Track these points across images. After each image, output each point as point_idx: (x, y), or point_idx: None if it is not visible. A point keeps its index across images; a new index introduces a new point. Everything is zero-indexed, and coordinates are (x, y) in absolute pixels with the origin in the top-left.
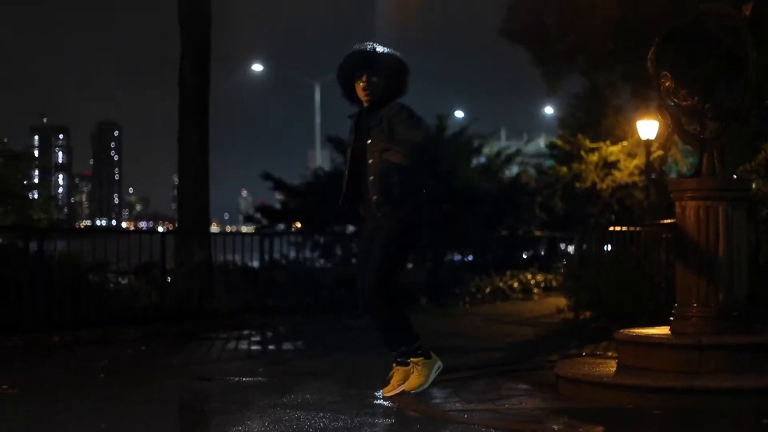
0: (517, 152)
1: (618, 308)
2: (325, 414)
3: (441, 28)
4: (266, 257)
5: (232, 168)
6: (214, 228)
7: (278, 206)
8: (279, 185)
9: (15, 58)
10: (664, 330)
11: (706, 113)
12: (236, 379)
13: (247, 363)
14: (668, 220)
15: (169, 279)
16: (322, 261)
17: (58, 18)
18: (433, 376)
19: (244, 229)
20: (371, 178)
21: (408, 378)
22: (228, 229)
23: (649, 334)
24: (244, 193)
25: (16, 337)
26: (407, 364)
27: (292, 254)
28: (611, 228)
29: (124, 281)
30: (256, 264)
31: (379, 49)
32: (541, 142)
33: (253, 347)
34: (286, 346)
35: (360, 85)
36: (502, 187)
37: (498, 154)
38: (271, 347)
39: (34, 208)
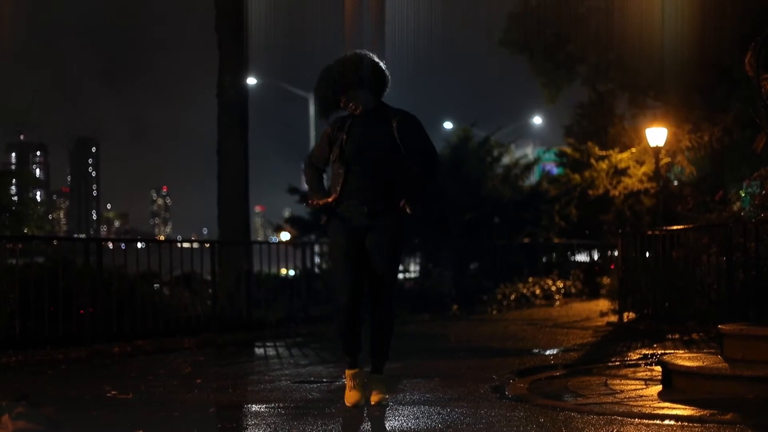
0: (536, 161)
1: (664, 310)
2: (461, 408)
3: (438, 36)
4: (301, 266)
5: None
6: None
7: (307, 217)
8: (304, 198)
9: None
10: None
11: None
12: (335, 383)
13: (328, 368)
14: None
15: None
16: None
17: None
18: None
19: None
20: (384, 179)
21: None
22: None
23: (757, 329)
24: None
25: (79, 349)
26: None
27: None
28: (650, 232)
29: (166, 292)
30: (291, 273)
31: (347, 59)
32: (529, 152)
33: (322, 354)
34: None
35: (345, 105)
36: (524, 194)
37: (516, 162)
38: (338, 354)
39: (28, 223)
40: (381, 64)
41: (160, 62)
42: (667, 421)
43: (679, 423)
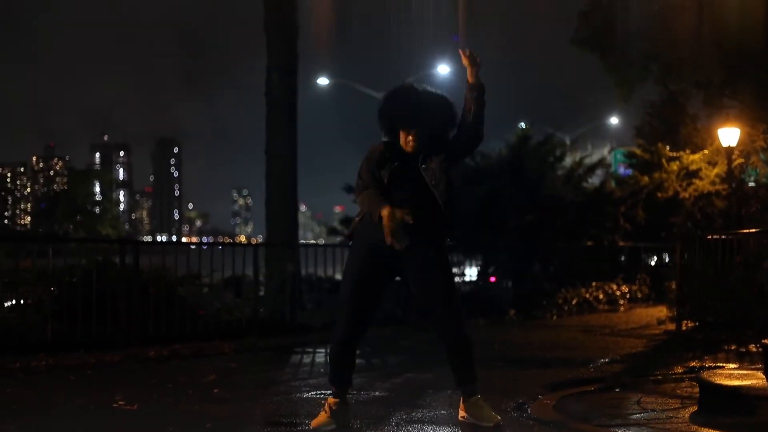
0: (601, 161)
1: (723, 318)
2: (475, 427)
3: (508, 35)
4: None
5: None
6: None
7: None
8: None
9: (76, 74)
10: None
11: None
12: (361, 393)
13: (360, 376)
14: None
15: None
16: None
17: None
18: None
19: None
20: (432, 206)
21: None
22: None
23: None
24: (303, 207)
25: (113, 353)
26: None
27: None
28: (711, 236)
29: (208, 294)
30: (339, 277)
31: (431, 96)
32: (605, 152)
33: (358, 360)
34: (390, 359)
35: (407, 137)
36: (587, 196)
37: (580, 162)
38: (375, 360)
39: (103, 224)
40: (455, 122)
41: (238, 60)
42: None
43: None
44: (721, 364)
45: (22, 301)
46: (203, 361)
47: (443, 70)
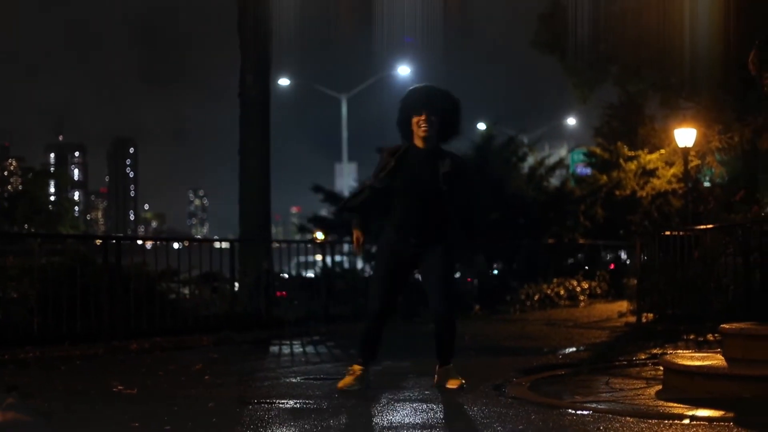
0: (561, 161)
1: (682, 311)
2: (458, 406)
3: (468, 38)
4: (319, 267)
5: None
6: None
7: (330, 217)
8: (329, 197)
9: (28, 74)
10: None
11: None
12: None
13: (337, 366)
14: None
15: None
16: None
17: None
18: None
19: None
20: (431, 215)
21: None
22: None
23: (757, 328)
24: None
25: (97, 345)
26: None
27: (346, 264)
28: (669, 233)
29: (185, 290)
30: (310, 274)
31: (440, 89)
32: (564, 152)
33: (334, 351)
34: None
35: (417, 120)
36: (548, 195)
37: (541, 162)
38: (352, 351)
39: (63, 224)
40: (461, 117)
41: (197, 62)
42: (657, 420)
43: (670, 421)
44: (680, 351)
45: (7, 296)
46: (185, 353)
47: (404, 71)
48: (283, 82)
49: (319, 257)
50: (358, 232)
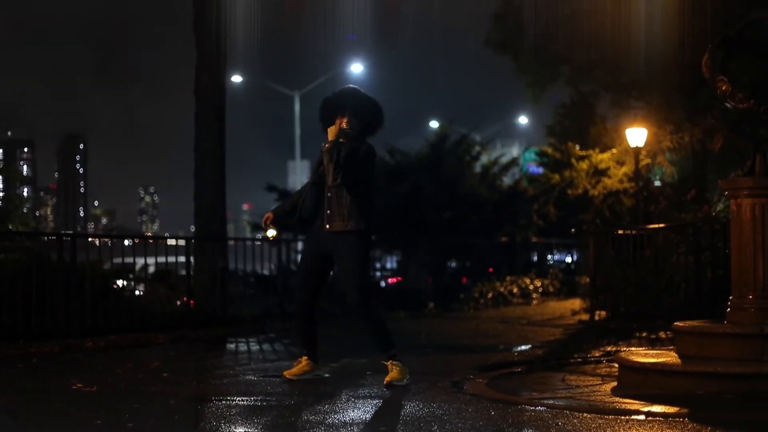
0: (514, 160)
1: (635, 309)
2: (417, 403)
3: (420, 37)
4: (277, 264)
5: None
6: None
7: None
8: (283, 196)
9: None
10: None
11: (761, 115)
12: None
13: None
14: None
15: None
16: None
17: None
18: (407, 378)
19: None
20: (328, 195)
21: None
22: None
23: (710, 326)
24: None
25: (52, 343)
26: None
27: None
28: (622, 232)
29: (140, 286)
30: (266, 272)
31: (365, 94)
32: (515, 151)
33: (291, 349)
34: (322, 347)
35: (340, 123)
36: (501, 194)
37: (495, 162)
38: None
39: (13, 220)
40: (382, 123)
41: (147, 59)
42: (614, 416)
43: (627, 417)
44: (633, 348)
45: None
46: (141, 351)
47: (357, 68)
48: (236, 79)
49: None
50: (270, 213)
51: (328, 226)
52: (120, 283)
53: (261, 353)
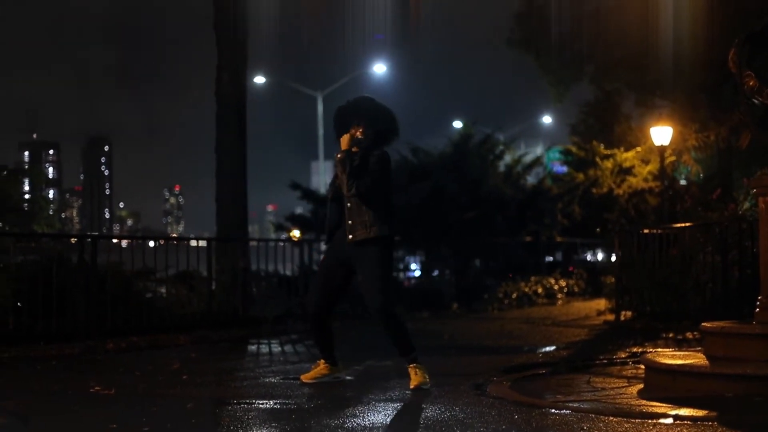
0: (538, 159)
1: (661, 309)
2: (439, 406)
3: (444, 36)
4: (299, 264)
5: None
6: None
7: (308, 215)
8: (307, 194)
9: (4, 70)
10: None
11: None
12: (319, 381)
13: None
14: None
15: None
16: None
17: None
18: (428, 380)
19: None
20: (348, 205)
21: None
22: None
23: (738, 326)
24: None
25: (72, 345)
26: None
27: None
28: (648, 231)
29: (162, 289)
30: (288, 272)
31: (380, 104)
32: (539, 150)
33: (313, 350)
34: (345, 348)
35: (354, 132)
36: (525, 193)
37: (518, 161)
38: None
39: (39, 222)
40: (397, 133)
41: (173, 59)
42: (641, 419)
43: (654, 421)
44: (659, 350)
45: None
46: (162, 352)
47: (380, 69)
48: (259, 80)
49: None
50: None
51: (351, 236)
52: (141, 284)
53: (282, 355)
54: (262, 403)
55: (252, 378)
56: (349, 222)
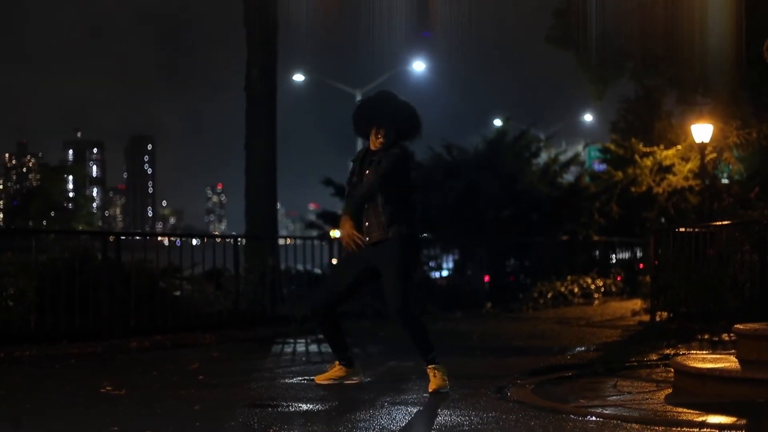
0: (575, 157)
1: (697, 309)
2: (457, 410)
3: (482, 34)
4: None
5: None
6: None
7: (338, 212)
8: (339, 191)
9: (50, 70)
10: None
11: None
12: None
13: None
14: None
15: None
16: None
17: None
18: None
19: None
20: (365, 206)
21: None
22: None
23: None
24: (278, 204)
25: (95, 343)
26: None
27: None
28: (684, 229)
29: (188, 287)
30: (318, 270)
31: (401, 101)
32: (580, 148)
33: None
34: (370, 349)
35: (376, 134)
36: (562, 191)
37: (555, 158)
38: (356, 350)
39: (78, 220)
40: (419, 131)
41: (215, 57)
42: (665, 427)
43: (678, 429)
44: (694, 352)
45: (4, 293)
46: (185, 351)
47: (419, 66)
48: (298, 78)
49: None
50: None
51: (368, 238)
52: (167, 282)
53: (305, 355)
54: (272, 406)
55: (268, 379)
56: (366, 223)
